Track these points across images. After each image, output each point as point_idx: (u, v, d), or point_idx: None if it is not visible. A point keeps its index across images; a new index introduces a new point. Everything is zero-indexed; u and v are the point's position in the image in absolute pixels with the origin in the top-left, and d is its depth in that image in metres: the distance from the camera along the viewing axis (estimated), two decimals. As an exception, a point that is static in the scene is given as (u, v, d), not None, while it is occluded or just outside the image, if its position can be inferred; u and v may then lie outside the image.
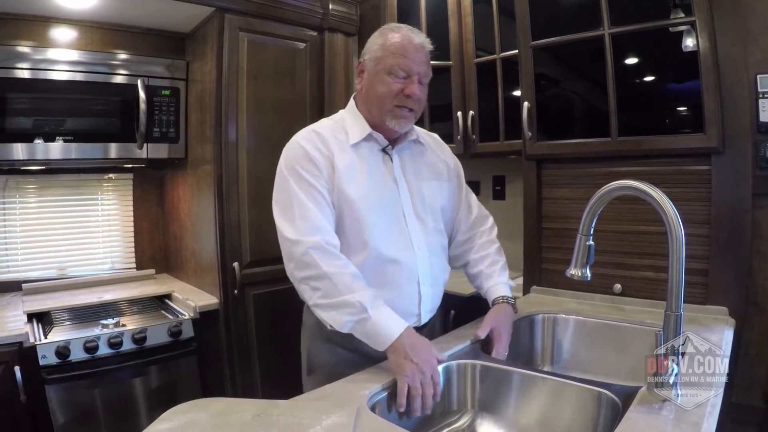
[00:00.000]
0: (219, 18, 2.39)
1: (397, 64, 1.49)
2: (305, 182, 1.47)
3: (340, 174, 1.49)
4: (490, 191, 3.14)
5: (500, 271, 1.78)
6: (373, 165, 1.56)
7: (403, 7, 2.80)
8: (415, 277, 1.56)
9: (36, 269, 2.63)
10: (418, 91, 1.50)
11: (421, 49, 1.53)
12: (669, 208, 1.17)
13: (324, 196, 1.47)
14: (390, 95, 1.49)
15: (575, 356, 1.89)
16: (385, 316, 1.36)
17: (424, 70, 1.54)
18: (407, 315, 1.53)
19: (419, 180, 1.63)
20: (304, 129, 1.58)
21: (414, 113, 1.55)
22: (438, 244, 1.67)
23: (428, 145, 1.74)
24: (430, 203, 1.63)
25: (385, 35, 1.54)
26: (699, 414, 1.09)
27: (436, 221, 1.66)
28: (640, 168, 1.98)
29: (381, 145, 1.59)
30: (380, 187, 1.54)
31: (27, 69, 2.26)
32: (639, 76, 2.04)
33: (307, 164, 1.48)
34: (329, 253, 1.41)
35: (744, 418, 1.83)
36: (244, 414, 1.11)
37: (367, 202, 1.50)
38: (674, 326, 1.16)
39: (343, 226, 1.50)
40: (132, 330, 2.14)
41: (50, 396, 1.94)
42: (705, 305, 1.85)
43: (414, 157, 1.66)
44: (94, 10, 2.38)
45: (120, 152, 2.51)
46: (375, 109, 1.54)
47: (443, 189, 1.71)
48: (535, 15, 2.19)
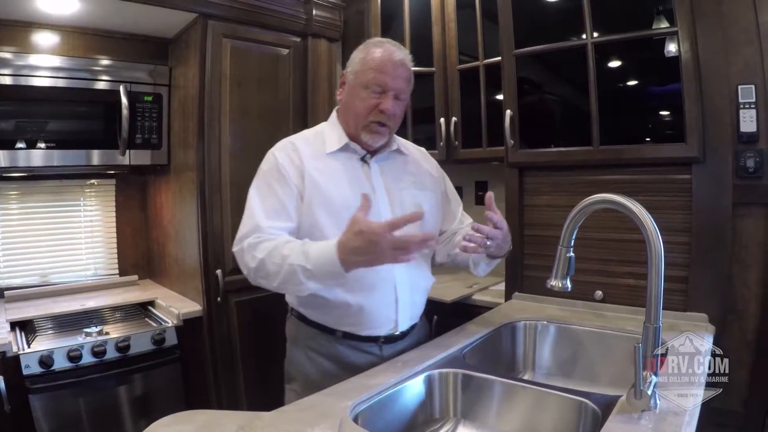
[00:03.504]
0: (202, 24, 2.38)
1: (373, 80, 1.50)
2: (266, 194, 1.51)
3: (314, 181, 1.51)
4: (473, 197, 3.15)
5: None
6: (350, 172, 1.57)
7: (387, 13, 2.82)
8: (392, 282, 1.56)
9: (18, 276, 2.60)
10: (391, 107, 1.51)
11: (400, 65, 1.53)
12: (648, 221, 1.18)
13: (284, 204, 1.49)
14: (365, 110, 1.52)
15: (557, 363, 1.91)
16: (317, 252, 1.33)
17: (402, 87, 1.55)
18: (384, 320, 1.57)
19: (399, 188, 1.64)
20: (283, 139, 1.62)
21: (388, 129, 1.57)
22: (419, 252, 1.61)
23: (412, 155, 1.76)
24: (410, 210, 1.60)
25: (367, 49, 1.56)
26: (677, 423, 1.10)
27: (415, 229, 1.56)
28: (622, 176, 2.01)
29: (359, 155, 1.61)
30: (356, 194, 1.50)
31: (8, 75, 2.23)
32: (621, 85, 2.06)
33: (274, 174, 1.52)
34: (258, 242, 1.43)
35: (724, 422, 1.86)
36: (228, 426, 1.12)
37: (343, 208, 1.48)
38: (653, 338, 1.17)
39: (322, 234, 1.49)
40: (115, 338, 2.13)
41: (34, 405, 1.92)
42: (685, 312, 1.88)
43: (395, 166, 1.67)
44: (77, 15, 2.35)
45: (102, 158, 2.49)
46: (351, 122, 1.57)
47: (426, 198, 1.70)
48: (519, 23, 2.21)
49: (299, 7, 2.70)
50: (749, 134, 1.83)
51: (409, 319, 1.64)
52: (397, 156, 1.70)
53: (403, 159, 1.72)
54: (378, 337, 1.59)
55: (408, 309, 1.61)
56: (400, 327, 1.61)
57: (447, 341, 1.69)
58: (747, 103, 1.83)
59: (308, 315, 1.62)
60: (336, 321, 1.57)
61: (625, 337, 1.74)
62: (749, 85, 1.83)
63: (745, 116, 1.83)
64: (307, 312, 1.62)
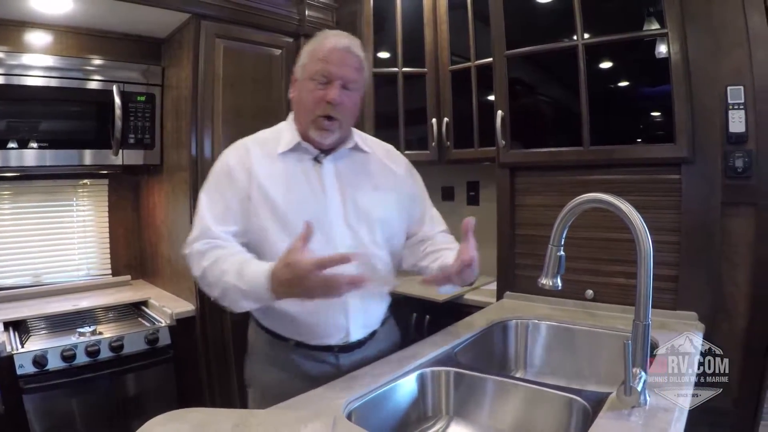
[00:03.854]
0: (195, 24, 2.39)
1: (317, 70, 1.43)
2: (213, 197, 1.47)
3: (263, 184, 1.45)
4: (465, 197, 3.18)
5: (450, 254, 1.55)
6: (299, 174, 1.50)
7: (379, 14, 2.84)
8: None
9: (11, 276, 2.60)
10: (338, 96, 1.42)
11: (346, 52, 1.45)
12: (637, 220, 1.19)
13: (230, 208, 1.45)
14: (311, 103, 1.44)
15: (548, 362, 1.92)
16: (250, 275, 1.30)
17: (350, 75, 1.45)
18: (334, 329, 1.49)
19: (355, 189, 1.54)
20: (239, 139, 1.57)
21: (338, 122, 1.47)
22: (375, 257, 1.55)
23: (374, 154, 1.65)
24: (365, 213, 1.53)
25: (314, 41, 1.49)
26: (666, 419, 1.11)
27: (372, 233, 1.54)
28: (613, 176, 2.02)
29: (312, 155, 1.52)
30: (305, 196, 1.48)
31: (1, 74, 2.23)
32: (611, 86, 2.08)
33: (223, 177, 1.48)
34: (203, 251, 1.40)
35: (715, 421, 1.87)
36: (222, 425, 1.12)
37: (291, 212, 1.44)
38: (642, 335, 1.18)
39: (267, 236, 1.45)
40: (109, 338, 2.13)
41: (28, 406, 1.92)
42: (675, 311, 1.90)
43: (353, 166, 1.57)
44: (70, 15, 2.36)
45: (95, 158, 2.49)
46: (301, 119, 1.50)
47: (387, 200, 1.59)
48: (510, 24, 2.23)
49: (292, 7, 2.71)
50: (738, 135, 1.84)
51: (362, 327, 1.54)
52: (356, 154, 1.60)
53: (363, 157, 1.61)
54: (332, 347, 1.51)
55: (360, 317, 1.52)
56: (353, 336, 1.52)
57: (439, 340, 1.70)
58: (736, 104, 1.84)
59: (263, 322, 1.57)
60: (287, 330, 1.52)
61: (615, 335, 1.76)
62: (738, 86, 1.84)
63: (734, 117, 1.84)
64: (261, 318, 1.58)
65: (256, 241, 1.46)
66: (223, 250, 1.39)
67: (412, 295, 2.51)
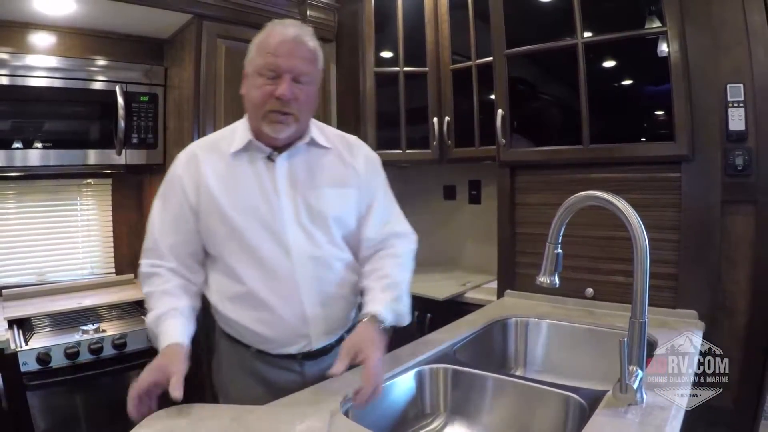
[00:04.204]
0: (197, 25, 2.41)
1: (265, 63, 1.33)
2: (163, 206, 1.45)
3: (212, 192, 1.39)
4: (466, 195, 3.19)
5: (386, 287, 1.44)
6: (252, 176, 1.42)
7: (381, 14, 2.85)
8: (297, 297, 1.40)
9: (16, 275, 2.62)
10: (288, 91, 1.32)
11: (295, 44, 1.35)
12: (633, 218, 1.20)
13: (176, 220, 1.41)
14: (261, 99, 1.35)
15: (548, 360, 1.93)
16: (162, 332, 1.31)
17: (300, 67, 1.35)
18: (294, 338, 1.43)
19: (310, 188, 1.45)
20: (192, 143, 1.52)
21: (291, 117, 1.37)
22: (332, 258, 1.46)
23: (334, 149, 1.53)
24: (319, 212, 1.44)
25: (261, 33, 1.40)
26: (663, 417, 1.12)
27: (327, 232, 1.45)
28: (612, 175, 2.03)
29: (264, 153, 1.43)
30: (256, 199, 1.40)
31: (5, 75, 2.26)
32: (611, 84, 2.08)
33: (171, 187, 1.44)
34: (146, 276, 1.42)
35: (715, 419, 1.87)
36: (222, 419, 1.14)
37: (241, 217, 1.38)
38: (639, 333, 1.19)
39: (219, 246, 1.41)
40: (112, 336, 2.15)
41: (32, 402, 1.95)
42: (675, 309, 1.91)
43: (309, 163, 1.48)
44: (73, 16, 2.37)
45: (99, 158, 2.51)
46: (252, 115, 1.41)
47: (345, 197, 1.50)
48: (510, 23, 2.23)
49: (293, 8, 2.72)
50: (738, 132, 1.84)
51: (324, 334, 1.46)
52: (312, 150, 1.49)
53: (320, 153, 1.50)
54: (294, 355, 1.45)
55: (321, 324, 1.44)
56: (316, 344, 1.45)
57: (438, 338, 1.72)
58: (736, 102, 1.84)
59: (223, 327, 1.53)
60: (246, 338, 1.46)
61: (615, 333, 1.75)
62: (738, 84, 1.84)
63: (734, 115, 1.84)
64: (221, 324, 1.53)
65: (207, 245, 1.44)
66: (160, 286, 1.39)
67: (413, 293, 2.51)
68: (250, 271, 1.39)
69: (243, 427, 1.11)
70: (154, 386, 1.17)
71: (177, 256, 1.42)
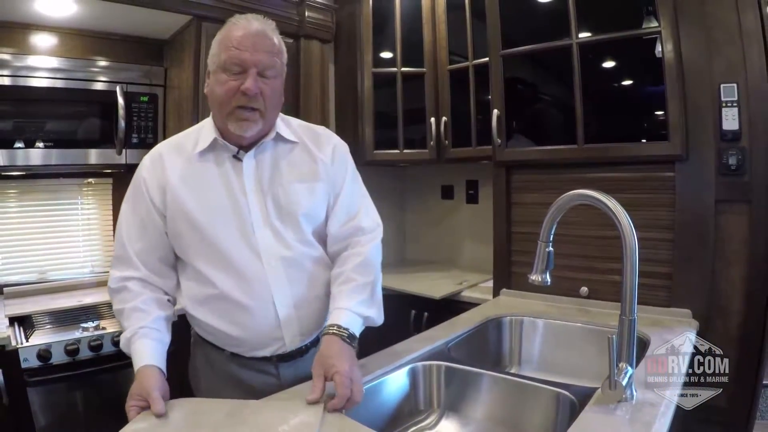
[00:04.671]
0: (196, 26, 2.43)
1: (228, 59, 1.29)
2: (130, 209, 1.40)
3: (177, 195, 1.35)
4: (464, 195, 3.22)
5: (349, 292, 1.39)
6: (218, 176, 1.38)
7: (379, 15, 2.88)
8: (269, 298, 1.37)
9: (17, 273, 2.64)
10: (253, 86, 1.29)
11: (259, 37, 1.31)
12: (622, 216, 1.21)
13: (144, 225, 1.37)
14: (226, 95, 1.31)
15: (543, 358, 1.95)
16: (134, 354, 1.28)
17: (265, 61, 1.31)
18: (268, 341, 1.40)
19: (277, 185, 1.41)
20: (157, 145, 1.47)
21: (258, 112, 1.33)
22: (304, 257, 1.43)
23: (301, 142, 1.48)
24: (288, 211, 1.41)
25: (223, 29, 1.36)
26: (652, 414, 1.14)
27: (297, 231, 1.42)
28: (607, 174, 2.05)
29: (231, 152, 1.39)
30: (222, 200, 1.37)
31: (7, 76, 2.28)
32: (606, 84, 2.10)
33: (136, 191, 1.39)
34: (115, 291, 1.36)
35: (709, 418, 1.87)
36: (216, 413, 1.15)
37: (207, 220, 1.35)
38: (628, 330, 1.20)
39: (186, 251, 1.38)
40: (112, 333, 2.16)
41: (32, 398, 1.96)
42: (669, 308, 1.92)
43: (276, 159, 1.44)
44: (74, 17, 2.39)
45: (99, 158, 2.53)
46: (217, 113, 1.37)
47: (313, 191, 1.45)
48: (507, 24, 2.25)
49: (292, 9, 2.74)
50: (732, 132, 1.85)
51: (298, 335, 1.43)
52: (279, 145, 1.45)
53: (287, 147, 1.46)
54: (269, 357, 1.42)
55: (294, 326, 1.41)
56: (290, 346, 1.42)
57: (432, 335, 1.74)
58: (729, 102, 1.85)
59: (197, 330, 1.50)
60: (219, 341, 1.44)
61: (609, 332, 1.76)
62: (732, 83, 1.85)
63: (728, 114, 1.85)
64: (195, 326, 1.50)
65: (178, 250, 1.40)
66: (129, 303, 1.33)
67: (410, 292, 2.54)
68: (220, 274, 1.36)
69: (237, 420, 1.12)
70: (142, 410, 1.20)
71: (145, 262, 1.38)
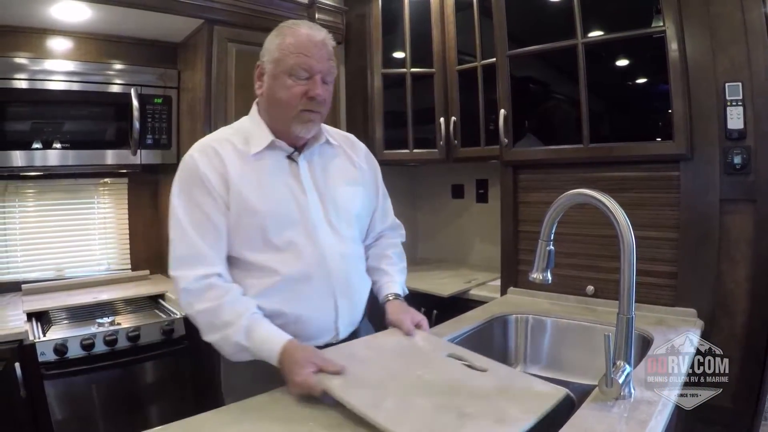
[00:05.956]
0: (208, 29, 2.48)
1: (297, 64, 1.35)
2: (190, 205, 1.36)
3: (239, 190, 1.36)
4: (474, 194, 3.23)
5: (398, 272, 1.64)
6: (278, 175, 1.43)
7: (388, 16, 2.90)
8: (330, 291, 1.43)
9: (35, 270, 2.71)
10: (321, 91, 1.38)
11: (322, 46, 1.39)
12: (620, 215, 1.21)
13: (210, 219, 1.35)
14: (293, 99, 1.36)
15: (548, 356, 1.95)
16: (261, 339, 1.29)
17: (327, 68, 1.40)
18: (324, 331, 1.45)
19: (331, 186, 1.49)
20: (201, 140, 1.45)
21: (320, 115, 1.43)
22: (354, 254, 1.53)
23: (341, 147, 1.59)
24: (344, 210, 1.50)
25: (282, 34, 1.40)
26: (649, 412, 1.14)
27: (350, 229, 1.53)
28: (612, 174, 2.04)
29: (286, 153, 1.45)
30: (286, 197, 1.41)
31: (25, 79, 2.34)
32: (611, 84, 2.10)
33: (197, 184, 1.36)
34: (200, 291, 1.32)
35: (712, 418, 1.87)
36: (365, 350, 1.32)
37: (273, 216, 1.38)
38: (626, 328, 1.21)
39: (248, 244, 1.39)
40: (126, 328, 2.22)
41: (49, 391, 2.02)
42: (674, 307, 1.91)
43: (324, 162, 1.52)
44: (88, 22, 2.45)
45: (115, 158, 2.59)
46: (278, 115, 1.41)
47: (357, 194, 1.56)
48: (513, 24, 2.26)
49: (302, 11, 2.78)
50: (736, 131, 1.84)
51: (349, 325, 1.51)
52: (325, 149, 1.54)
53: (332, 152, 1.55)
54: (321, 347, 1.40)
55: (347, 315, 1.49)
56: (341, 334, 1.48)
57: (438, 332, 1.74)
58: (734, 101, 1.84)
59: None
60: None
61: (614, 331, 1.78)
62: (736, 82, 1.83)
63: (732, 113, 1.84)
64: None
65: (238, 245, 1.39)
66: (223, 298, 1.32)
67: (419, 290, 2.56)
68: (283, 268, 1.38)
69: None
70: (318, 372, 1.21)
71: (219, 258, 1.37)
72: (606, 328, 1.82)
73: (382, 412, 1.06)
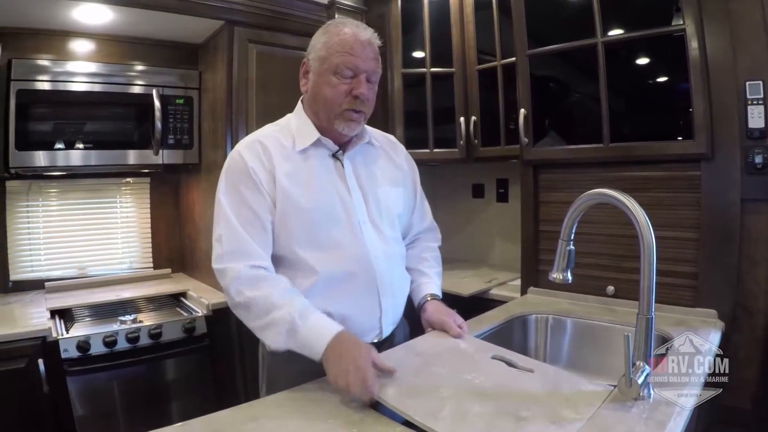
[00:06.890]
0: (229, 30, 2.50)
1: (342, 63, 1.36)
2: (238, 201, 1.37)
3: (286, 186, 1.38)
4: (494, 194, 3.22)
5: (435, 274, 1.68)
6: (323, 173, 1.44)
7: (407, 16, 2.89)
8: (375, 290, 1.44)
9: (58, 269, 2.76)
10: (366, 90, 1.39)
11: (368, 45, 1.40)
12: (640, 214, 1.20)
13: (258, 215, 1.36)
14: (338, 97, 1.38)
15: (567, 356, 1.95)
16: (314, 324, 1.27)
17: (373, 68, 1.41)
18: (368, 330, 1.46)
19: (374, 186, 1.51)
20: (248, 137, 1.48)
21: (363, 115, 1.43)
22: (397, 253, 1.55)
23: (382, 148, 1.61)
24: (386, 210, 1.52)
25: (328, 32, 1.41)
26: (668, 413, 1.13)
27: (393, 229, 1.55)
28: (632, 173, 2.03)
29: (331, 151, 1.47)
30: (332, 196, 1.43)
31: (48, 81, 2.39)
32: (631, 83, 2.08)
33: (244, 180, 1.37)
34: (252, 278, 1.32)
35: (732, 420, 1.85)
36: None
37: (318, 213, 1.39)
38: (645, 328, 1.21)
39: (293, 242, 1.39)
40: (148, 326, 2.25)
41: (71, 387, 2.05)
42: (695, 308, 1.89)
43: (367, 162, 1.54)
44: (110, 24, 2.49)
45: (137, 158, 2.63)
46: (322, 113, 1.42)
47: (399, 195, 1.59)
48: (532, 23, 2.25)
49: (322, 12, 2.79)
50: (758, 130, 1.81)
51: (392, 324, 1.53)
52: (368, 149, 1.56)
53: (375, 152, 1.58)
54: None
55: (391, 314, 1.50)
56: (384, 333, 1.50)
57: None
58: (755, 99, 1.81)
59: None
60: None
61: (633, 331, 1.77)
62: (757, 81, 1.81)
63: (753, 112, 1.82)
64: None
65: (283, 242, 1.40)
66: (276, 286, 1.33)
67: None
68: (327, 266, 1.39)
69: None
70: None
71: (266, 253, 1.38)
72: (625, 328, 1.81)
73: (441, 421, 1.07)
